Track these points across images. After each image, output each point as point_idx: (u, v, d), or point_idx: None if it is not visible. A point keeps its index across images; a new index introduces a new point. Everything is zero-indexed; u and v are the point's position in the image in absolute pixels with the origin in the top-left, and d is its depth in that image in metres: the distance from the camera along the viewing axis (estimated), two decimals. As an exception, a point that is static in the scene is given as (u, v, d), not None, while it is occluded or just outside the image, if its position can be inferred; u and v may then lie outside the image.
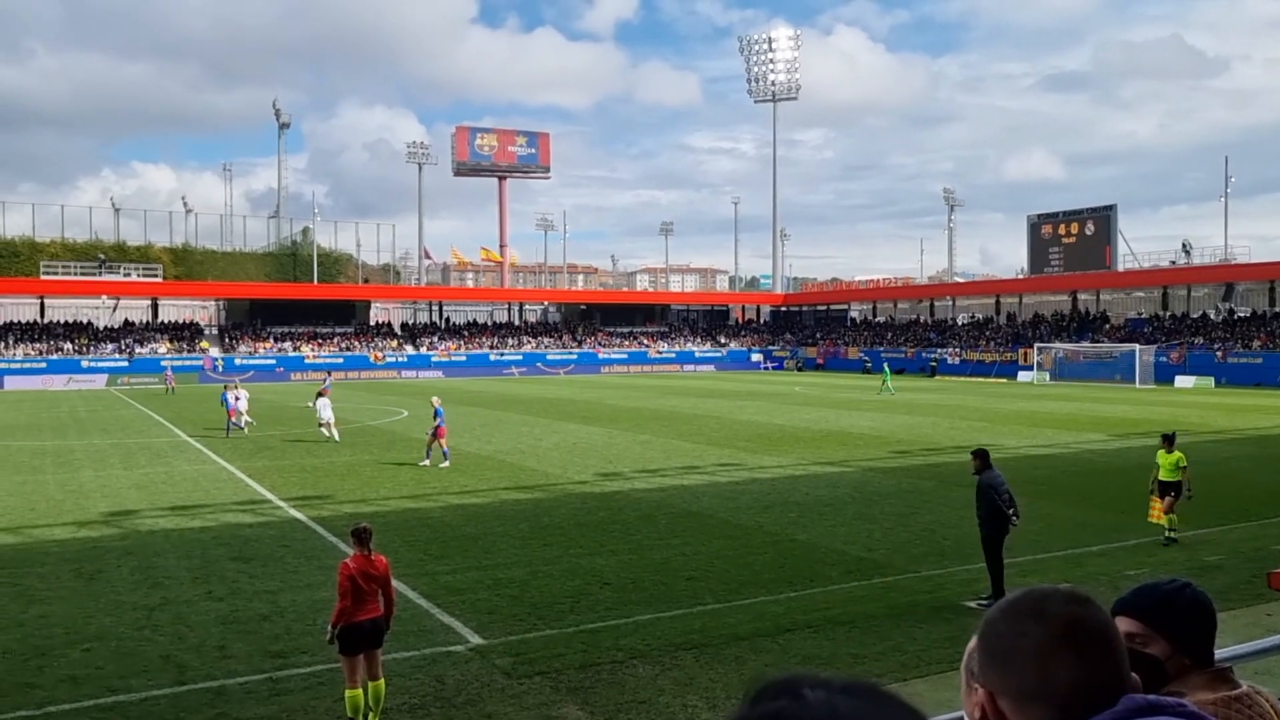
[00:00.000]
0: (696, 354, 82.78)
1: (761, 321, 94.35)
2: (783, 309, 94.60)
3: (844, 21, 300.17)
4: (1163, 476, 14.60)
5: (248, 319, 76.78)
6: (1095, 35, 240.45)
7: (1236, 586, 11.92)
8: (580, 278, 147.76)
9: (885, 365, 56.38)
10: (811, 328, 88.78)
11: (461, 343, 78.77)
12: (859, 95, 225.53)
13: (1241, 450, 25.12)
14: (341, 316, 79.04)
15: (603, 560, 13.66)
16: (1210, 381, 53.04)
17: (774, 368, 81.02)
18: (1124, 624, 2.13)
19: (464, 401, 45.04)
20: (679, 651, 9.86)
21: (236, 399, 30.67)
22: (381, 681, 8.27)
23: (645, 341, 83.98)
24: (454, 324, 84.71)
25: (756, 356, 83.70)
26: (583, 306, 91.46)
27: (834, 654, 9.83)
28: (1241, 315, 61.44)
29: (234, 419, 30.41)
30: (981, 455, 12.15)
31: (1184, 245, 70.50)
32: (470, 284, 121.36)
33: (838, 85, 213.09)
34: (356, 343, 75.73)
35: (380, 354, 73.96)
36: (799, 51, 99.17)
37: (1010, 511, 11.62)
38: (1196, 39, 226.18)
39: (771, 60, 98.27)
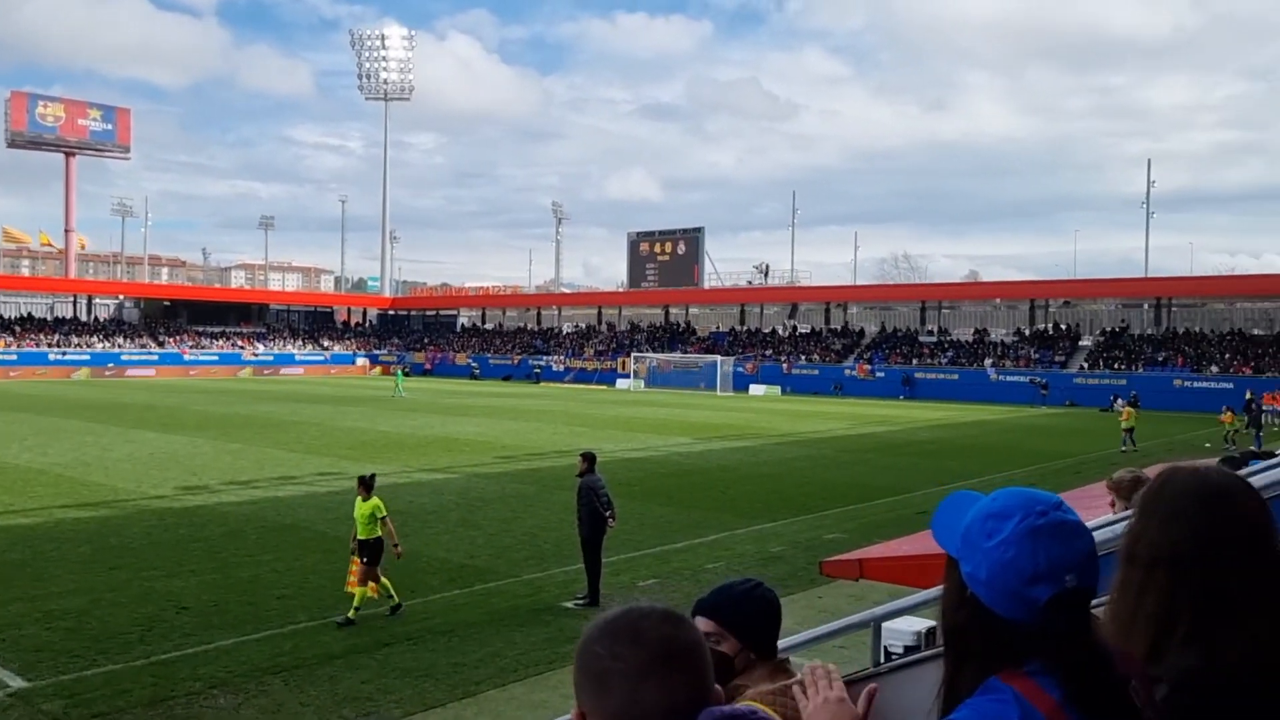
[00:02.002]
0: (297, 357, 78.63)
1: (369, 325, 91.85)
2: (391, 313, 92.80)
3: (460, 29, 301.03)
4: (360, 534, 11.26)
5: None
6: (687, 72, 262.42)
7: (795, 573, 13.38)
8: (165, 271, 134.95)
9: (399, 369, 58.20)
10: (420, 333, 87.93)
11: (13, 339, 68.49)
12: (472, 103, 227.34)
13: (801, 451, 28.39)
14: None
15: (181, 582, 12.41)
16: (778, 390, 59.60)
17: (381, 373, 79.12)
18: (702, 624, 2.22)
19: (14, 407, 39.19)
20: (266, 676, 9.17)
21: None
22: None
23: (240, 343, 78.34)
24: (3, 318, 73.49)
25: (362, 361, 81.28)
26: (166, 303, 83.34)
27: (433, 664, 9.65)
28: (803, 331, 69.78)
29: None
30: (589, 457, 12.59)
31: (763, 267, 78.78)
32: (26, 272, 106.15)
33: (452, 91, 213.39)
34: None
35: (-96, 350, 62.26)
36: (413, 52, 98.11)
37: (607, 513, 12.15)
38: (771, 85, 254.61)
39: (384, 58, 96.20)
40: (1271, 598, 1.71)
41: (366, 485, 11.53)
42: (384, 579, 11.36)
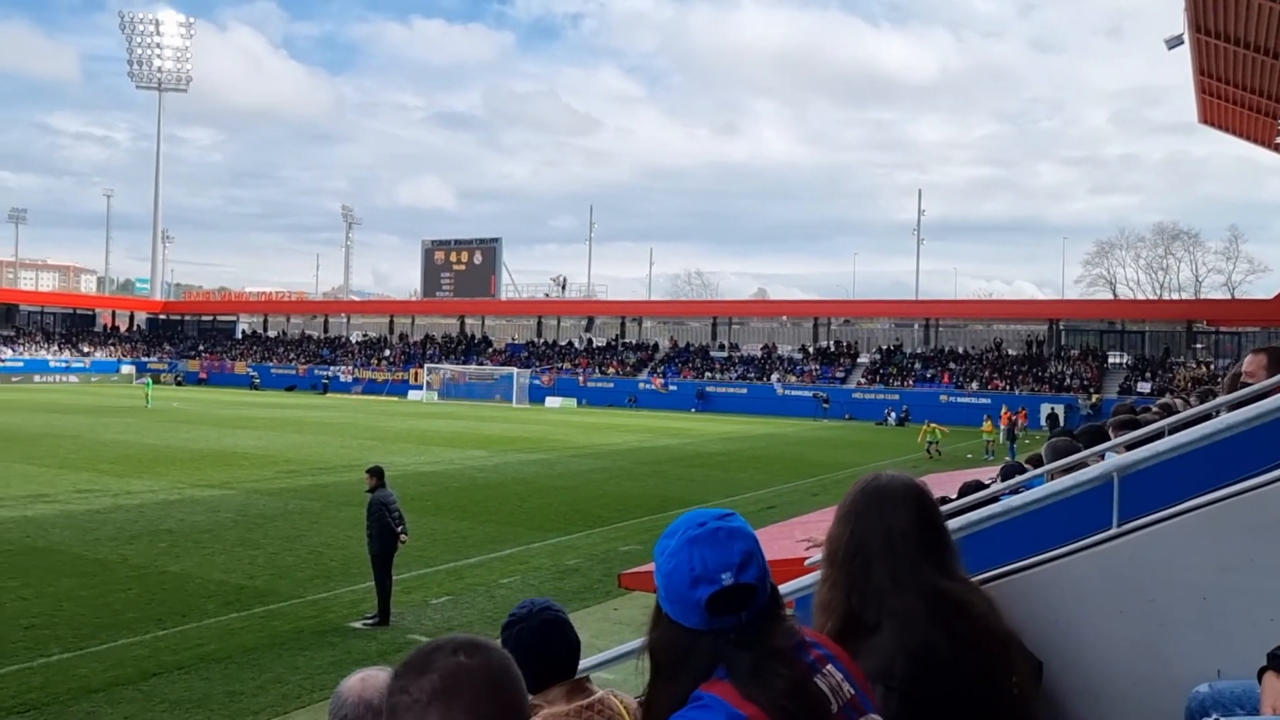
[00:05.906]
0: (52, 363, 72.07)
1: (136, 330, 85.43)
2: (162, 317, 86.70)
3: (244, 20, 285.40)
4: None
5: None
6: (483, 82, 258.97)
7: (590, 586, 13.40)
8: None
9: (148, 377, 56.31)
10: (195, 339, 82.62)
11: None
12: (255, 100, 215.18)
13: (597, 464, 28.55)
14: None
15: (-94, 615, 11.02)
16: (574, 402, 59.81)
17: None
18: None
19: None
20: (10, 717, 8.26)
21: None
22: None
23: (-15, 347, 71.08)
24: None
25: (128, 369, 75.43)
26: (-104, 301, 74.58)
27: (208, 694, 8.99)
28: (599, 345, 70.46)
29: None
30: (377, 473, 12.23)
31: (560, 280, 78.97)
32: None
33: (233, 86, 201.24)
34: None
35: None
36: (191, 41, 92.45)
37: (399, 529, 11.77)
38: (570, 99, 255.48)
39: (158, 45, 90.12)
40: (913, 584, 1.98)
41: None
42: None
